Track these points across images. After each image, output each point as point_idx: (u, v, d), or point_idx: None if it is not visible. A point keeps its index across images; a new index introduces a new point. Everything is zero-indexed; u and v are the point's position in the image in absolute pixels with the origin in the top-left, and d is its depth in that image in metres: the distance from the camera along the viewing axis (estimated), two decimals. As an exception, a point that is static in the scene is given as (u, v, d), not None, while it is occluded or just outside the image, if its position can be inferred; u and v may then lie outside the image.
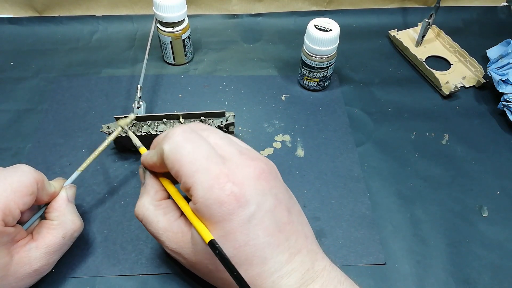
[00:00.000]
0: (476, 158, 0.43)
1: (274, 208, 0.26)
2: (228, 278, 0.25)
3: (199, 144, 0.26)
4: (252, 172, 0.26)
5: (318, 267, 0.27)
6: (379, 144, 0.44)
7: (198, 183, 0.25)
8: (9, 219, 0.27)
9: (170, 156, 0.26)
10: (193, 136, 0.27)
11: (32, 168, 0.29)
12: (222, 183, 0.25)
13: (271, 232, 0.25)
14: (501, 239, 0.37)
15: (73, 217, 0.32)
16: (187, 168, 0.25)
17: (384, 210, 0.38)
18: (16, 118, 0.45)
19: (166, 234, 0.28)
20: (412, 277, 0.34)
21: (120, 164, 0.41)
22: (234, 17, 0.58)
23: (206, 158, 0.26)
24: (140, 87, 0.42)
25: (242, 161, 0.27)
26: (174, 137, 0.27)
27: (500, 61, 0.47)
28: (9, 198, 0.27)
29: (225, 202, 0.24)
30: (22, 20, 0.55)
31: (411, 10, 0.59)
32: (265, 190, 0.26)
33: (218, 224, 0.25)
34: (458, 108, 0.48)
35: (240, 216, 0.25)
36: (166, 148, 0.26)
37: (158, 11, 0.46)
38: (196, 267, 0.28)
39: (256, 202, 0.25)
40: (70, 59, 0.52)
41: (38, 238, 0.30)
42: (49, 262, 0.30)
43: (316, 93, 0.49)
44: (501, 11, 0.60)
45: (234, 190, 0.25)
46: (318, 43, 0.43)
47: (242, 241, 0.25)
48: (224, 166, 0.26)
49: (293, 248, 0.26)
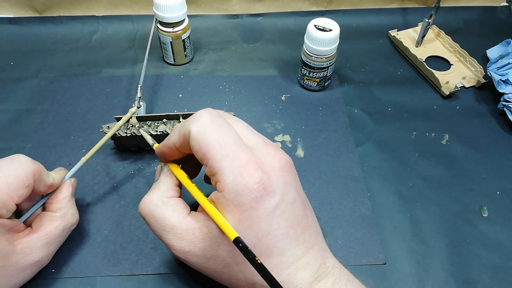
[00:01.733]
0: (476, 158, 0.43)
1: (294, 201, 0.26)
2: (243, 271, 0.26)
3: (227, 130, 0.26)
4: (278, 163, 0.26)
5: (329, 263, 0.27)
6: (379, 144, 0.44)
7: (228, 168, 0.25)
8: (3, 211, 0.27)
9: (198, 138, 0.25)
10: (221, 121, 0.26)
11: (29, 159, 0.29)
12: (252, 170, 0.25)
13: (290, 224, 0.26)
14: (501, 239, 0.37)
15: (74, 210, 0.32)
16: (216, 152, 0.25)
17: (384, 210, 0.38)
18: (16, 118, 0.45)
19: (174, 231, 0.27)
20: (412, 277, 0.34)
21: (120, 164, 0.41)
22: (234, 17, 0.58)
23: (234, 143, 0.25)
24: (140, 87, 0.42)
25: (267, 151, 0.27)
26: (202, 119, 0.26)
27: (500, 61, 0.47)
28: (4, 191, 0.27)
29: (254, 189, 0.24)
30: (22, 20, 0.55)
31: (411, 10, 0.59)
32: (288, 181, 0.26)
33: (245, 213, 0.25)
34: (458, 108, 0.48)
35: (267, 205, 0.25)
36: (193, 129, 0.26)
37: (158, 11, 0.46)
38: (208, 264, 0.27)
39: (280, 193, 0.25)
40: (70, 59, 0.52)
41: (39, 229, 0.30)
42: (49, 253, 0.30)
43: (316, 93, 0.49)
44: (501, 11, 0.60)
45: (263, 178, 0.25)
46: (318, 43, 0.43)
47: (265, 231, 0.25)
48: (252, 154, 0.25)
49: (308, 242, 0.26)
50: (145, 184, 0.39)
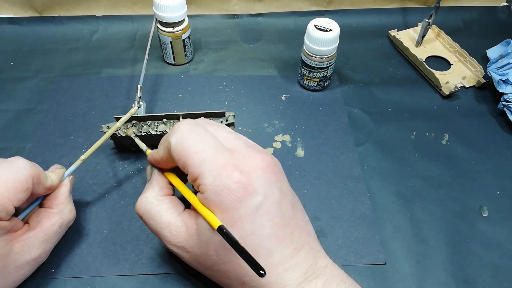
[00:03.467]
0: (476, 158, 0.43)
1: (279, 201, 0.26)
2: (231, 271, 0.26)
3: (204, 136, 0.27)
4: (259, 164, 0.27)
5: (321, 264, 0.27)
6: (379, 144, 0.44)
7: (206, 171, 0.25)
8: (2, 214, 0.27)
9: (177, 148, 0.27)
10: (199, 128, 0.27)
11: (28, 163, 0.29)
12: (230, 171, 0.25)
13: (276, 224, 0.26)
14: (501, 239, 0.37)
15: (71, 207, 0.32)
16: (194, 158, 0.26)
17: (384, 210, 0.38)
18: (16, 118, 0.45)
19: (169, 228, 0.28)
20: (412, 277, 0.34)
21: (120, 164, 0.41)
22: (234, 17, 0.58)
23: (212, 148, 0.26)
24: (140, 87, 0.42)
25: (249, 153, 0.27)
26: (180, 130, 0.27)
27: (500, 61, 0.47)
28: (3, 194, 0.27)
29: (233, 189, 0.25)
30: (22, 20, 0.55)
31: (411, 10, 0.59)
32: (271, 182, 0.26)
33: (226, 212, 0.25)
34: (458, 108, 0.48)
35: (248, 205, 0.25)
36: (172, 140, 0.27)
37: (158, 11, 0.46)
38: (199, 261, 0.28)
39: (263, 193, 0.26)
40: (70, 59, 0.52)
41: (36, 226, 0.30)
42: (46, 249, 0.31)
43: (316, 93, 0.49)
44: (501, 11, 0.60)
45: (242, 179, 0.25)
46: (318, 43, 0.43)
47: (249, 230, 0.25)
48: (231, 157, 0.26)
49: (297, 243, 0.26)
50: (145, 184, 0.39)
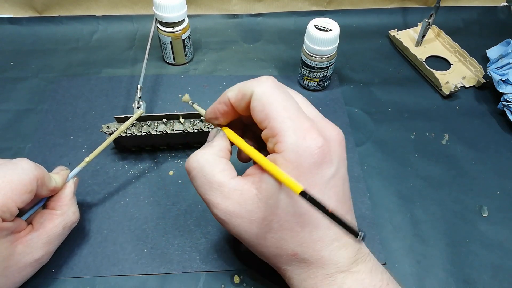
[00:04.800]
0: (476, 158, 0.43)
1: (344, 178, 0.27)
2: (288, 239, 0.25)
3: (290, 97, 0.26)
4: (337, 136, 0.26)
5: (365, 250, 0.27)
6: (379, 144, 0.44)
7: (291, 129, 0.25)
8: (6, 215, 0.27)
9: (262, 98, 0.25)
10: (283, 88, 0.27)
11: (33, 164, 0.29)
12: (315, 135, 0.25)
13: (339, 199, 0.26)
14: (501, 239, 0.37)
15: (75, 208, 0.32)
16: (279, 113, 0.25)
17: (384, 210, 0.38)
18: (16, 118, 0.45)
19: (221, 189, 0.26)
20: (412, 277, 0.34)
21: (120, 164, 0.41)
22: (234, 17, 0.58)
23: (297, 110, 0.26)
24: (140, 87, 0.42)
25: (326, 123, 0.27)
26: (265, 83, 0.26)
27: (500, 61, 0.47)
28: (7, 196, 0.27)
29: (315, 153, 0.24)
30: (22, 20, 0.55)
31: (411, 10, 0.59)
32: (342, 156, 0.26)
33: (303, 175, 0.24)
34: (458, 108, 0.48)
35: (324, 173, 0.25)
36: (258, 90, 0.26)
37: (158, 11, 0.46)
38: (252, 228, 0.26)
39: (337, 164, 0.25)
40: (70, 59, 0.52)
41: (39, 227, 0.30)
42: (49, 251, 0.30)
43: (316, 93, 0.49)
44: (501, 11, 0.60)
45: (325, 146, 0.25)
46: (318, 43, 0.43)
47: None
48: (313, 122, 0.26)
49: (350, 224, 0.26)
50: (145, 184, 0.39)
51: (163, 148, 0.42)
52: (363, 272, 0.26)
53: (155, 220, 0.37)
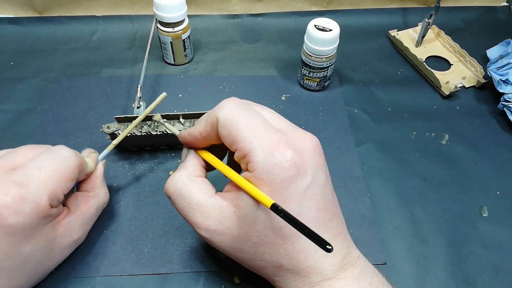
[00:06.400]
0: (476, 158, 0.43)
1: (324, 185, 0.26)
2: (270, 252, 0.26)
3: (254, 113, 0.26)
4: (309, 144, 0.26)
5: (354, 254, 0.27)
6: (379, 144, 0.44)
7: (258, 147, 0.25)
8: (54, 202, 0.28)
9: (226, 123, 0.26)
10: (247, 107, 0.27)
11: (73, 152, 0.30)
12: (283, 149, 0.25)
13: (320, 208, 0.26)
14: (501, 239, 0.37)
15: (106, 189, 0.34)
16: (245, 133, 0.25)
17: (384, 210, 0.38)
18: (16, 118, 0.45)
19: (201, 209, 0.27)
20: (412, 277, 0.34)
21: (120, 164, 0.41)
22: (234, 17, 0.58)
23: (262, 126, 0.26)
24: (140, 87, 0.42)
25: (297, 133, 0.27)
26: (228, 106, 0.26)
27: (500, 61, 0.47)
28: (55, 184, 0.28)
29: (286, 168, 0.24)
30: (22, 20, 0.55)
31: (411, 10, 0.59)
32: (319, 164, 0.26)
33: (276, 191, 0.24)
34: (458, 108, 0.48)
35: (298, 185, 0.25)
36: (221, 115, 0.26)
37: (158, 11, 0.46)
38: (234, 243, 0.27)
39: (312, 174, 0.25)
40: (70, 59, 0.52)
41: (76, 210, 0.31)
42: (85, 231, 0.32)
43: (316, 93, 0.49)
44: (501, 11, 0.60)
45: (295, 158, 0.25)
46: (318, 43, 0.43)
47: (295, 212, 0.24)
48: (282, 135, 0.26)
49: (335, 230, 0.26)
50: (145, 184, 0.39)
51: (163, 148, 0.42)
52: (351, 277, 0.26)
53: (155, 220, 0.37)
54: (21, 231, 0.26)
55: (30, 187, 0.26)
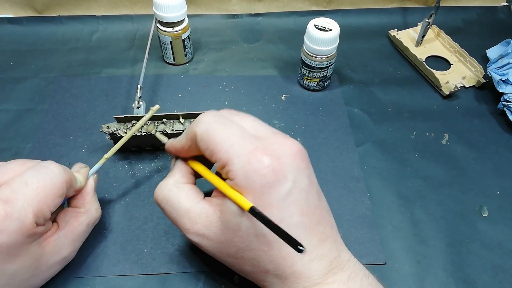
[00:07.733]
0: (476, 158, 0.43)
1: (307, 189, 0.26)
2: (256, 258, 0.26)
3: (230, 124, 0.27)
4: (289, 149, 0.26)
5: (344, 257, 0.27)
6: (379, 144, 0.44)
7: (235, 157, 0.25)
8: (40, 220, 0.27)
9: (203, 137, 0.26)
10: (223, 118, 0.27)
11: (62, 167, 0.29)
12: (260, 156, 0.25)
13: (304, 213, 0.25)
14: (501, 239, 0.37)
15: (97, 205, 0.33)
16: (221, 144, 0.26)
17: (384, 210, 0.38)
18: (16, 118, 0.45)
19: (188, 215, 0.28)
20: (412, 277, 0.34)
21: (120, 164, 0.41)
22: (234, 17, 0.58)
23: (239, 135, 0.26)
24: (140, 87, 0.42)
25: (277, 139, 0.27)
26: (205, 120, 0.27)
27: (500, 61, 0.47)
28: (42, 201, 0.27)
29: (264, 174, 0.24)
30: (22, 20, 0.55)
31: (411, 10, 0.59)
32: (300, 169, 0.26)
33: (257, 198, 0.24)
34: (458, 108, 0.48)
35: (278, 191, 0.25)
36: (198, 130, 0.27)
37: (158, 11, 0.46)
38: (221, 248, 0.27)
39: (293, 179, 0.25)
40: (70, 59, 0.52)
41: (65, 226, 0.30)
42: (75, 248, 0.31)
43: (316, 93, 0.49)
44: (501, 11, 0.60)
45: (273, 163, 0.25)
46: (318, 43, 0.43)
47: (278, 218, 0.24)
48: (259, 143, 0.26)
49: (322, 234, 0.26)
50: (145, 184, 0.39)
51: (163, 148, 0.42)
52: (339, 282, 0.26)
53: (155, 220, 0.37)
54: (5, 250, 0.25)
55: (16, 203, 0.26)
